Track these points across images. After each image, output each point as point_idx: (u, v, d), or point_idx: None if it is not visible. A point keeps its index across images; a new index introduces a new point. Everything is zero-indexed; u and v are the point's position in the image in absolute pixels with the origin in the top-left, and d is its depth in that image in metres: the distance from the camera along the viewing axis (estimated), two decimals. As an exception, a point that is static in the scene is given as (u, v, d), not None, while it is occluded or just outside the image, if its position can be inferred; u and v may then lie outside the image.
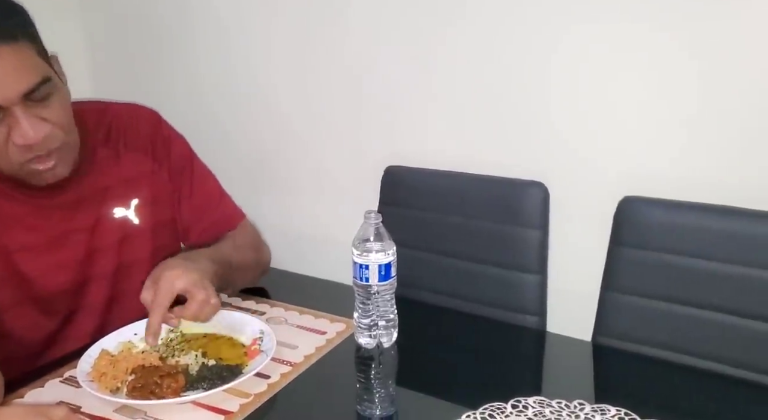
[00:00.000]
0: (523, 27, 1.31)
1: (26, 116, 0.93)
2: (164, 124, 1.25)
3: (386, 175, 1.46)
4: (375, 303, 1.05)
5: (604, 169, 1.31)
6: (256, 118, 1.73)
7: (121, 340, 1.06)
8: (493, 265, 1.32)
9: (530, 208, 1.29)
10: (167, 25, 1.79)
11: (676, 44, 1.19)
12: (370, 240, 1.04)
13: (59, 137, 0.99)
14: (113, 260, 1.15)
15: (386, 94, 1.52)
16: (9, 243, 1.04)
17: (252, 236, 1.31)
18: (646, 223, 1.16)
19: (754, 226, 1.08)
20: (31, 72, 0.93)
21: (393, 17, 1.45)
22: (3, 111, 0.92)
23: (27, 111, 0.93)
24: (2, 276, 1.04)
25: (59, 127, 0.99)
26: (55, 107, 0.98)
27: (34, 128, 0.94)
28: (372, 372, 1.06)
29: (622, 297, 1.18)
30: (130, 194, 1.17)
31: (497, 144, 1.41)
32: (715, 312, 1.10)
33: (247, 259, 1.24)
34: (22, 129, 0.93)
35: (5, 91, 0.91)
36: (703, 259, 1.11)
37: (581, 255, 1.34)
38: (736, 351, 1.08)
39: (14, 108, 0.92)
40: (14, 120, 0.93)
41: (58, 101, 0.98)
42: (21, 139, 0.94)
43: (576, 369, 1.08)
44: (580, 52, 1.27)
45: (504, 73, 1.36)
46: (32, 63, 0.94)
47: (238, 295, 1.26)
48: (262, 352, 1.02)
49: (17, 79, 0.92)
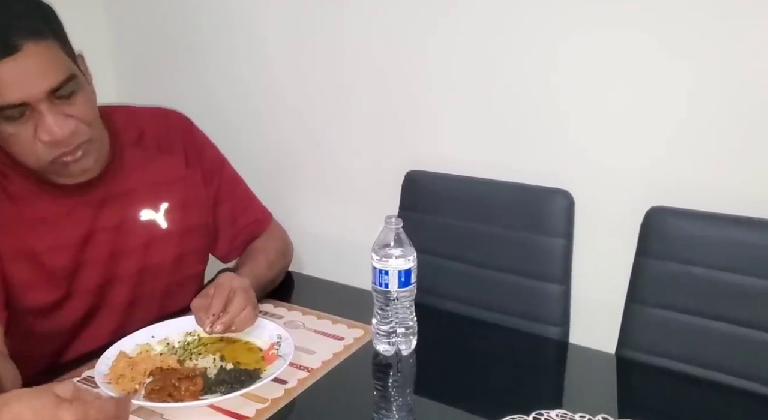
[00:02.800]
0: (549, 33, 1.30)
1: (51, 113, 0.94)
2: (196, 129, 1.27)
3: (407, 180, 1.45)
4: (394, 309, 1.04)
5: (631, 177, 1.28)
6: (279, 123, 1.72)
7: (139, 342, 1.06)
8: (516, 274, 1.30)
9: (554, 216, 1.27)
10: (193, 28, 1.80)
11: (706, 50, 1.16)
12: (390, 245, 1.03)
13: (85, 132, 1.00)
14: (137, 262, 1.15)
15: (408, 98, 1.51)
16: (36, 244, 1.05)
17: (282, 241, 1.34)
18: (673, 235, 1.14)
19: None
20: (57, 69, 0.94)
21: (417, 22, 1.44)
22: (29, 108, 0.93)
23: (52, 108, 0.95)
24: (34, 278, 1.05)
25: (85, 123, 1.00)
26: (80, 103, 0.99)
27: (60, 125, 0.95)
28: (390, 380, 1.04)
29: (647, 309, 1.15)
30: (160, 198, 1.17)
31: (521, 151, 1.39)
32: (743, 327, 1.07)
33: (277, 272, 1.29)
34: (48, 125, 0.94)
35: (31, 89, 0.92)
36: (732, 272, 1.08)
37: (606, 265, 1.32)
38: (766, 368, 1.05)
39: (40, 105, 0.93)
40: (40, 116, 0.94)
41: (83, 98, 0.99)
42: (47, 135, 0.95)
43: (599, 382, 1.06)
44: (607, 57, 1.25)
45: (529, 79, 1.34)
46: (58, 60, 0.95)
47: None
48: (280, 357, 1.01)
49: (43, 76, 0.92)
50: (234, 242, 1.29)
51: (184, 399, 0.91)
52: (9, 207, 1.03)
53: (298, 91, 1.66)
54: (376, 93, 1.55)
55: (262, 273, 1.21)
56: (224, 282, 1.06)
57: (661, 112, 1.23)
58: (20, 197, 1.04)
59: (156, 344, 1.06)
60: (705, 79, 1.18)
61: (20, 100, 0.91)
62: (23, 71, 0.91)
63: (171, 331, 1.09)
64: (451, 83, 1.44)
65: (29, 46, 0.91)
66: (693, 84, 1.19)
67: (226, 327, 1.02)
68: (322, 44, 1.59)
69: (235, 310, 1.03)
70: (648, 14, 1.19)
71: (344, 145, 1.64)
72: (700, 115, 1.20)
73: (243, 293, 1.05)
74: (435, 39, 1.43)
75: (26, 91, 0.91)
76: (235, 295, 1.04)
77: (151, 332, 1.08)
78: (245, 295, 1.05)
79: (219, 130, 1.35)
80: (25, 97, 0.92)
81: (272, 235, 1.33)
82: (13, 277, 1.03)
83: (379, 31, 1.50)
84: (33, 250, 1.05)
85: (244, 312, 1.04)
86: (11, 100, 0.91)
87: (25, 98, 0.92)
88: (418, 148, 1.52)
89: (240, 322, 1.04)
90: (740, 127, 1.17)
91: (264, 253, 1.26)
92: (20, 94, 0.91)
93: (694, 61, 1.18)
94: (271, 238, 1.32)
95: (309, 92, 1.65)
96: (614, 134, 1.28)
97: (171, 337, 1.08)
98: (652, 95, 1.23)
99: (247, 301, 1.05)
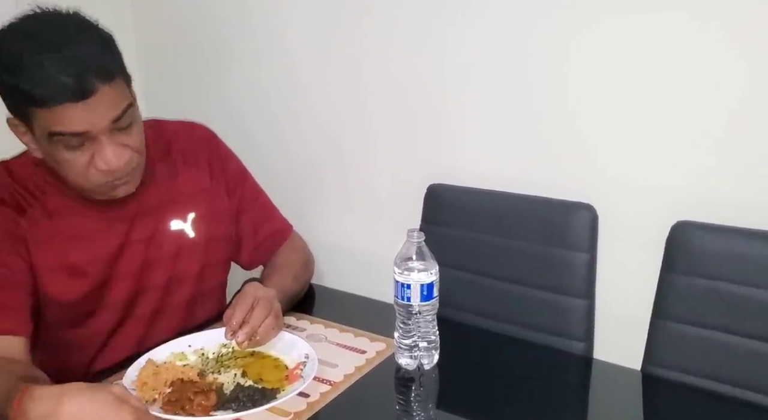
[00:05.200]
0: (573, 45, 1.29)
1: (111, 143, 0.98)
2: (220, 142, 1.29)
3: (429, 194, 1.45)
4: (416, 323, 1.03)
5: (656, 191, 1.27)
6: (302, 136, 1.73)
7: (175, 350, 1.07)
8: (539, 288, 1.29)
9: (578, 230, 1.26)
10: (218, 43, 1.82)
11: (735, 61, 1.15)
12: (412, 259, 1.02)
13: (136, 161, 1.04)
14: (166, 272, 1.17)
15: (430, 111, 1.51)
16: (73, 258, 1.08)
17: (304, 253, 1.35)
18: (700, 249, 1.12)
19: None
20: (121, 103, 0.98)
21: (437, 35, 1.44)
22: (89, 138, 0.96)
23: (111, 138, 0.98)
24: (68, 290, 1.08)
25: (138, 152, 1.03)
26: (135, 133, 1.02)
27: (118, 156, 0.99)
28: (412, 394, 1.04)
29: (673, 325, 1.14)
30: (187, 208, 1.19)
31: (544, 164, 1.38)
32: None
33: (302, 285, 1.30)
34: (107, 156, 0.98)
35: (98, 122, 0.95)
36: (760, 288, 1.06)
37: (630, 279, 1.30)
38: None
39: (101, 135, 0.96)
40: (99, 146, 0.97)
41: (137, 127, 1.03)
42: (105, 164, 0.98)
43: (624, 399, 1.05)
44: (632, 70, 1.24)
45: (553, 92, 1.34)
46: (122, 95, 0.99)
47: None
48: (302, 378, 1.00)
49: (110, 110, 0.96)
50: (257, 251, 1.31)
51: (195, 413, 0.92)
52: (47, 223, 1.06)
53: (321, 105, 1.67)
54: (398, 106, 1.55)
55: (288, 285, 1.22)
56: (248, 291, 1.07)
57: (688, 125, 1.21)
58: (58, 213, 1.07)
59: (191, 354, 1.07)
60: (733, 93, 1.16)
61: (84, 130, 0.95)
62: (93, 110, 0.94)
63: (208, 342, 1.10)
64: (472, 96, 1.44)
65: (103, 88, 0.94)
66: (721, 97, 1.17)
67: (248, 336, 1.02)
68: (344, 58, 1.60)
69: (256, 320, 1.03)
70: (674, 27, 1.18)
71: (366, 158, 1.64)
72: (728, 128, 1.18)
73: (266, 302, 1.06)
74: (456, 52, 1.43)
75: (91, 124, 0.95)
76: (257, 305, 1.05)
77: (189, 341, 1.10)
78: (268, 305, 1.06)
79: (242, 143, 1.37)
80: (90, 128, 0.95)
81: (294, 246, 1.34)
82: (48, 290, 1.06)
83: (400, 45, 1.50)
84: (69, 263, 1.07)
85: (266, 321, 1.04)
86: (75, 129, 0.94)
87: (89, 129, 0.95)
88: (440, 162, 1.52)
89: (263, 332, 1.04)
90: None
91: (289, 267, 1.27)
92: (85, 125, 0.94)
93: (722, 74, 1.16)
94: (293, 249, 1.33)
95: (331, 105, 1.66)
96: (639, 147, 1.27)
97: (207, 347, 1.09)
98: (678, 108, 1.22)
99: (269, 310, 1.05)
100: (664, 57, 1.21)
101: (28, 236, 1.04)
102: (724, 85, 1.17)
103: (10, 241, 1.03)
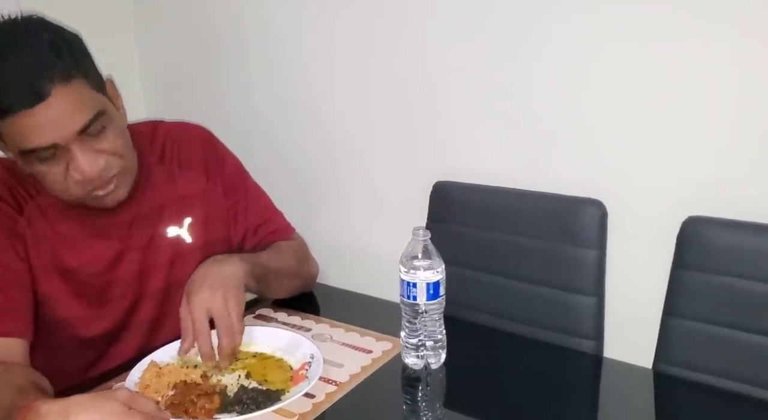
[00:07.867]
0: (580, 42, 1.27)
1: (82, 151, 0.94)
2: (216, 141, 1.26)
3: (435, 191, 1.43)
4: (422, 322, 1.02)
5: (667, 186, 1.25)
6: (306, 134, 1.73)
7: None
8: (547, 286, 1.27)
9: (587, 226, 1.24)
10: (218, 45, 1.81)
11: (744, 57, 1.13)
12: (418, 257, 1.01)
13: (117, 165, 1.00)
14: (164, 279, 1.16)
15: (435, 108, 1.49)
16: (69, 260, 1.06)
17: (298, 246, 1.32)
18: (711, 245, 1.10)
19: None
20: (85, 109, 0.94)
21: (444, 32, 1.43)
22: (59, 149, 0.93)
23: (83, 146, 0.95)
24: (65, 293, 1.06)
25: (116, 156, 1.00)
26: (110, 137, 0.98)
27: (91, 164, 0.95)
28: (419, 394, 1.02)
29: (685, 323, 1.12)
30: (183, 213, 1.17)
31: (552, 160, 1.37)
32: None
33: (288, 264, 1.23)
34: (79, 165, 0.95)
35: (60, 131, 0.92)
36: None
37: (641, 276, 1.29)
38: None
39: (70, 145, 0.93)
40: (71, 156, 0.94)
41: (113, 131, 0.99)
42: (79, 174, 0.95)
43: (635, 398, 1.03)
44: (640, 65, 1.22)
45: (560, 87, 1.32)
46: (86, 99, 0.94)
47: (284, 310, 1.25)
48: (307, 379, 0.99)
49: (71, 117, 0.92)
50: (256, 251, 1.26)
51: (198, 417, 0.91)
52: (43, 223, 1.05)
53: (326, 103, 1.67)
54: (403, 103, 1.54)
55: (266, 255, 1.17)
56: (183, 307, 1.01)
57: (698, 119, 1.20)
58: (53, 213, 1.05)
59: (194, 355, 1.06)
60: (743, 86, 1.14)
61: (51, 142, 0.92)
62: (53, 115, 0.90)
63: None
64: (478, 92, 1.42)
65: (57, 90, 0.90)
66: (731, 90, 1.16)
67: (231, 361, 1.00)
68: (349, 56, 1.59)
69: (225, 345, 0.99)
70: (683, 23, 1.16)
71: (372, 156, 1.63)
72: (739, 123, 1.16)
73: (184, 303, 1.01)
74: (463, 50, 1.41)
75: (57, 134, 0.91)
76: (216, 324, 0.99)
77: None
78: (184, 300, 1.00)
79: (244, 143, 1.36)
80: (56, 139, 0.92)
81: (294, 244, 1.31)
82: (45, 291, 1.04)
83: (406, 43, 1.49)
84: (66, 266, 1.06)
85: (226, 342, 0.99)
86: (42, 143, 0.91)
87: (56, 140, 0.92)
88: (447, 158, 1.50)
89: (232, 351, 1.00)
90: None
91: (276, 245, 1.24)
92: (51, 136, 0.91)
93: (732, 67, 1.14)
94: (287, 242, 1.30)
95: (336, 103, 1.65)
96: (648, 142, 1.25)
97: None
98: (688, 102, 1.20)
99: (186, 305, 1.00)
100: (674, 52, 1.19)
101: (26, 234, 1.03)
102: (735, 79, 1.15)
103: (9, 239, 1.02)
